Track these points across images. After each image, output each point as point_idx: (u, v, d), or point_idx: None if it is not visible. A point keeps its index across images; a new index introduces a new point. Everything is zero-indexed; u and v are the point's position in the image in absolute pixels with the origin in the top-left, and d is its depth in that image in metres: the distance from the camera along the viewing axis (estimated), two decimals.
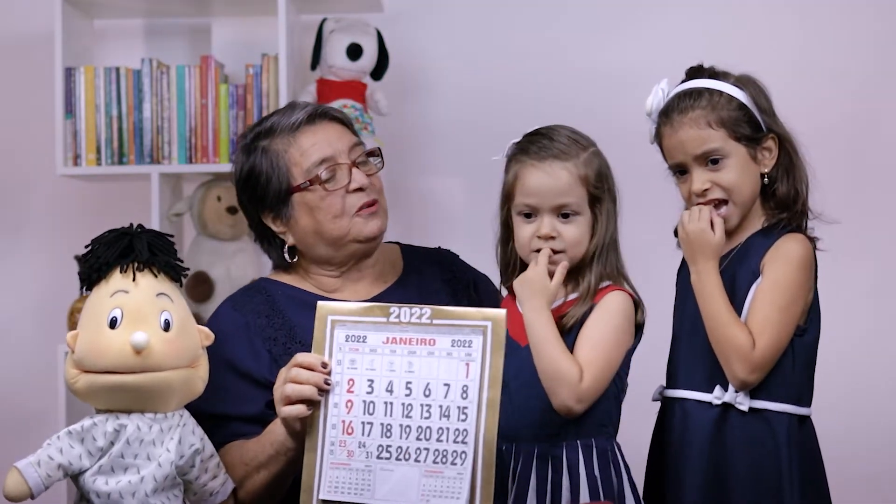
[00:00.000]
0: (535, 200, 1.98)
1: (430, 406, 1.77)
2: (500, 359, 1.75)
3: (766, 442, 1.90)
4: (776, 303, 1.89)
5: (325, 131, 2.19)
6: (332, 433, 1.81)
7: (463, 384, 1.76)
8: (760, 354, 1.88)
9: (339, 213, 2.14)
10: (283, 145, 2.17)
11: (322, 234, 2.16)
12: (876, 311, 3.37)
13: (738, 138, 1.95)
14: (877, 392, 3.34)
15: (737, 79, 1.99)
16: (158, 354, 1.77)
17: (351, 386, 1.81)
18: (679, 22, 3.42)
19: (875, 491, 3.27)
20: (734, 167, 1.96)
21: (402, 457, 1.77)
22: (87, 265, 1.83)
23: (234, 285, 3.25)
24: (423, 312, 1.80)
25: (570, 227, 1.98)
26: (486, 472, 1.74)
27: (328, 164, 2.15)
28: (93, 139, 3.24)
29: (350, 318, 1.82)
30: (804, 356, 1.94)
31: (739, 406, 1.90)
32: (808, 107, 2.13)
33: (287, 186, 2.16)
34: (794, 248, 1.92)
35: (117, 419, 1.79)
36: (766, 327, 1.88)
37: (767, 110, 1.98)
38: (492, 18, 3.53)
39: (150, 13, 3.52)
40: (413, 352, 1.79)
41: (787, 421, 1.90)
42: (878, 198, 3.40)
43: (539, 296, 1.93)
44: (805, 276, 1.92)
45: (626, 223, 2.06)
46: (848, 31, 3.42)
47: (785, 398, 1.91)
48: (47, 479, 1.76)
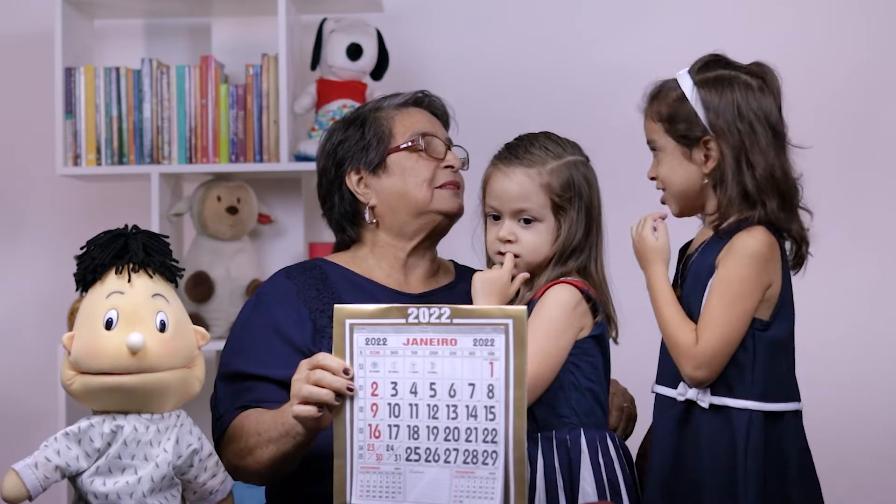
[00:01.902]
0: (497, 203, 2.08)
1: (456, 406, 1.76)
2: (523, 356, 1.74)
3: (724, 439, 1.91)
4: (722, 298, 1.90)
5: (427, 116, 2.33)
6: (359, 437, 1.80)
7: (488, 383, 1.75)
8: (702, 351, 1.90)
9: (427, 180, 2.24)
10: (388, 115, 2.31)
11: (406, 198, 2.25)
12: (876, 309, 3.37)
13: (673, 135, 1.98)
14: (875, 391, 3.34)
15: (716, 77, 1.97)
16: (154, 355, 1.77)
17: (375, 389, 1.80)
18: (679, 22, 3.43)
19: (880, 489, 3.28)
20: (665, 161, 2.01)
21: (431, 458, 1.77)
22: (83, 266, 1.83)
23: (234, 285, 3.26)
24: (443, 312, 1.78)
25: (529, 232, 2.06)
26: (518, 470, 1.74)
27: (429, 137, 2.27)
28: (93, 139, 3.25)
29: (369, 320, 1.81)
30: (767, 351, 1.92)
31: (700, 402, 1.92)
32: (808, 106, 2.12)
33: (386, 146, 2.26)
34: (746, 243, 1.91)
35: (114, 420, 1.79)
36: (710, 323, 1.90)
37: (726, 112, 1.95)
38: (492, 18, 3.53)
39: (150, 13, 3.53)
40: (435, 352, 1.78)
41: (748, 417, 1.90)
42: (877, 196, 3.40)
43: (497, 297, 2.02)
44: (756, 269, 1.91)
45: (626, 220, 2.07)
46: (849, 31, 3.42)
47: (745, 394, 1.91)
48: (45, 481, 1.76)
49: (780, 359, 1.95)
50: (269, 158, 3.23)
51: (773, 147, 1.95)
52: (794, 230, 1.97)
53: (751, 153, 1.94)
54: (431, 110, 2.36)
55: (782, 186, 1.95)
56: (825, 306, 3.22)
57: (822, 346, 3.22)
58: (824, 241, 2.05)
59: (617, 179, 2.12)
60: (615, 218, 2.13)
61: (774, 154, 1.95)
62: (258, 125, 3.24)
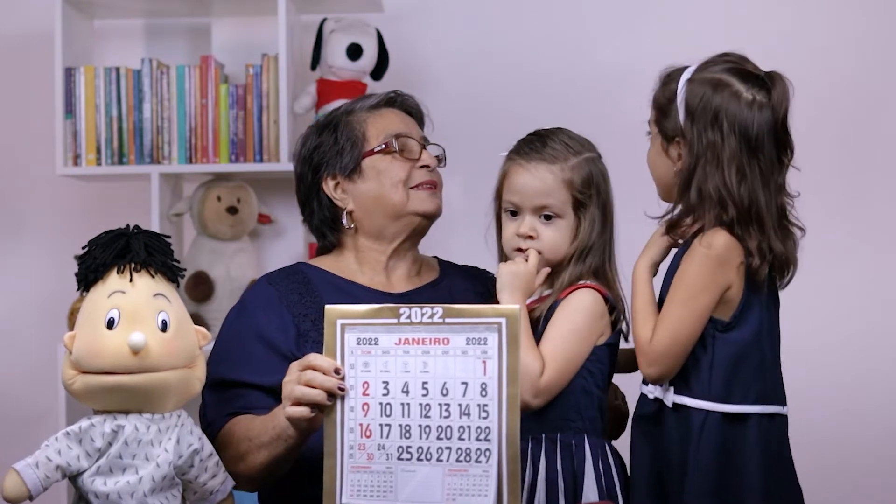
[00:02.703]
0: (518, 199, 2.05)
1: (448, 405, 1.76)
2: (516, 355, 1.75)
3: (682, 437, 1.91)
4: (676, 296, 1.91)
5: (401, 116, 2.31)
6: (350, 437, 1.80)
7: (481, 382, 1.75)
8: (653, 348, 1.90)
9: (403, 181, 2.23)
10: (361, 118, 2.28)
11: (383, 201, 2.23)
12: (876, 309, 3.37)
13: (659, 126, 1.99)
14: (874, 391, 3.34)
15: (707, 79, 1.93)
16: (156, 355, 1.77)
17: (366, 389, 1.80)
18: (681, 20, 3.43)
19: (880, 489, 3.29)
20: (651, 148, 2.02)
21: (423, 457, 1.77)
22: (84, 266, 1.82)
23: (234, 285, 3.25)
24: (435, 312, 1.78)
25: (549, 229, 2.04)
26: (511, 468, 1.73)
27: (402, 138, 2.26)
28: (93, 139, 3.25)
29: (360, 320, 1.81)
30: (729, 352, 1.91)
31: (666, 401, 1.93)
32: (807, 106, 2.12)
33: (360, 151, 2.25)
34: (705, 244, 1.90)
35: (115, 420, 1.79)
36: (662, 320, 1.91)
37: (702, 117, 1.91)
38: (491, 18, 3.53)
39: (150, 13, 3.53)
40: (427, 352, 1.78)
41: (703, 417, 1.90)
42: (877, 196, 3.40)
43: (521, 291, 2.00)
44: (710, 269, 1.89)
45: (628, 219, 2.08)
46: (849, 31, 3.43)
47: (702, 394, 1.91)
48: (46, 481, 1.76)
49: (744, 361, 1.92)
50: (269, 158, 3.23)
51: (743, 163, 1.89)
52: (751, 247, 1.89)
53: (708, 163, 1.89)
54: (405, 109, 2.34)
55: (739, 202, 1.88)
56: (825, 306, 3.23)
57: (821, 346, 3.23)
58: (824, 240, 2.05)
59: (620, 178, 2.12)
60: (617, 216, 2.11)
61: (736, 171, 1.88)
62: (258, 125, 3.24)
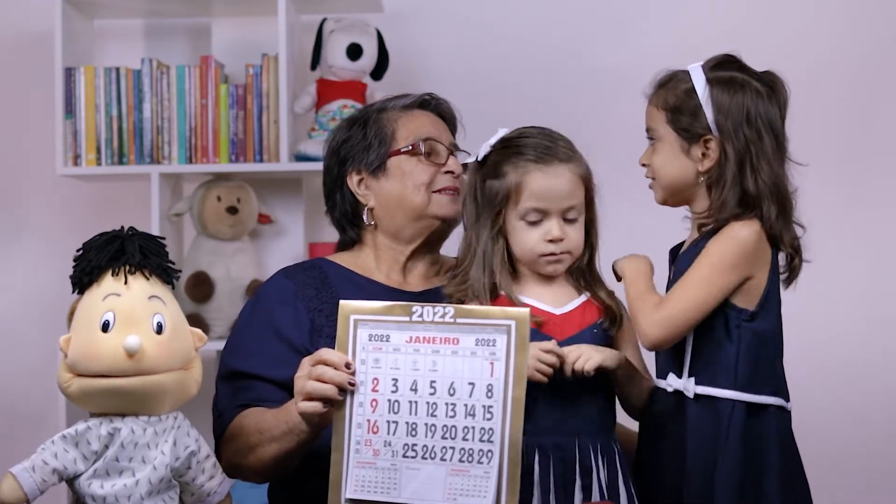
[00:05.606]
0: (546, 204, 1.99)
1: (454, 405, 1.77)
2: (524, 358, 1.75)
3: (708, 428, 1.91)
4: (699, 270, 1.92)
5: (432, 120, 2.31)
6: (357, 432, 1.80)
7: (488, 383, 1.76)
8: (664, 309, 1.92)
9: (426, 184, 2.23)
10: (392, 117, 2.29)
11: (404, 201, 2.24)
12: (875, 309, 3.37)
13: (674, 126, 1.98)
14: (875, 391, 3.34)
15: (730, 78, 1.97)
16: (151, 357, 1.76)
17: (375, 385, 1.81)
18: (678, 24, 3.43)
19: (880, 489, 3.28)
20: (661, 151, 2.00)
21: (427, 455, 1.77)
22: (79, 269, 1.83)
23: (234, 285, 3.25)
24: (447, 311, 1.79)
25: (573, 229, 2.02)
26: (511, 471, 1.74)
27: (431, 142, 2.26)
28: (93, 139, 3.24)
29: (373, 317, 1.82)
30: (751, 342, 1.92)
31: (687, 392, 1.93)
32: (807, 106, 2.12)
33: (387, 149, 2.26)
34: (737, 229, 1.92)
35: (111, 423, 1.79)
36: (681, 286, 1.92)
37: (735, 115, 1.95)
38: (491, 18, 3.53)
39: (150, 13, 3.53)
40: (437, 351, 1.79)
41: (731, 407, 1.91)
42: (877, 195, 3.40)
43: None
44: (737, 254, 1.91)
45: (622, 221, 2.10)
46: (851, 28, 3.42)
47: (728, 384, 1.92)
48: (42, 484, 1.76)
49: (766, 352, 1.94)
50: (269, 158, 3.22)
51: (776, 156, 1.95)
52: (786, 240, 1.96)
53: (755, 159, 1.93)
54: (438, 113, 2.34)
55: (782, 196, 1.95)
56: (824, 306, 3.22)
57: (822, 347, 3.23)
58: (824, 241, 2.05)
59: (617, 179, 2.11)
60: (613, 218, 2.11)
61: (778, 163, 1.95)
62: (258, 125, 3.23)
